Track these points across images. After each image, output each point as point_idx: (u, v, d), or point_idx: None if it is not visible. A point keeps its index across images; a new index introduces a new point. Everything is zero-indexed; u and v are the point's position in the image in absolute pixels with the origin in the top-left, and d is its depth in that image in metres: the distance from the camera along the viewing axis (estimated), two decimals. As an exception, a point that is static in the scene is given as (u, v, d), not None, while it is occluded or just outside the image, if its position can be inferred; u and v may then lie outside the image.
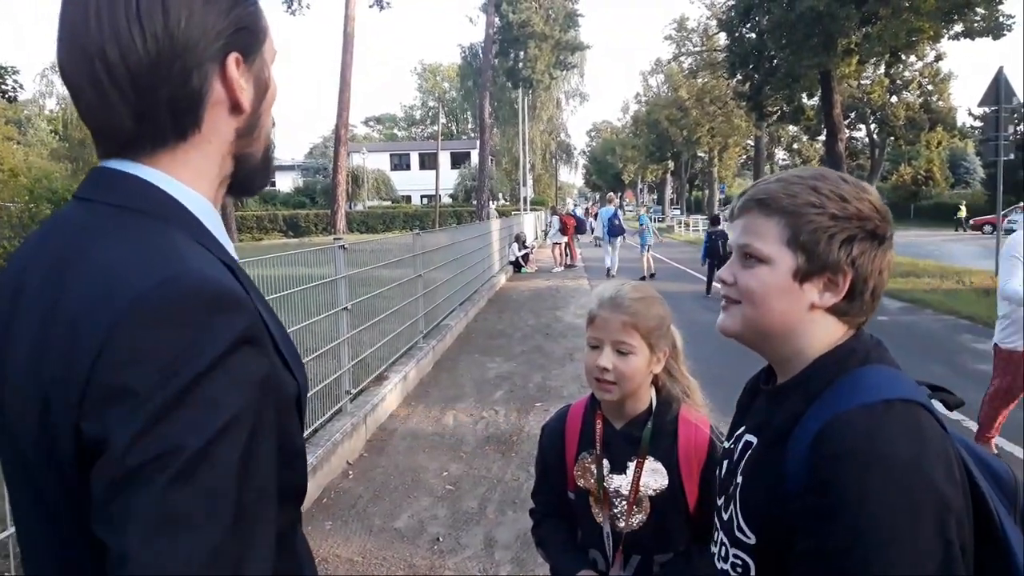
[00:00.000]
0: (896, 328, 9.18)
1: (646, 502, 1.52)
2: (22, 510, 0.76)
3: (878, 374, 0.91)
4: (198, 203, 0.78)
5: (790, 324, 0.96)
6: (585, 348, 1.56)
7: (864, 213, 0.93)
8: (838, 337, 0.96)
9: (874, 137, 36.18)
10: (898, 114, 31.31)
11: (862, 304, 0.95)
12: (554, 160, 65.16)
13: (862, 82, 29.14)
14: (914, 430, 0.83)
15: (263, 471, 0.67)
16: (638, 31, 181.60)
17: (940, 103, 32.38)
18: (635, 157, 63.13)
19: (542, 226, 31.85)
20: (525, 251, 18.77)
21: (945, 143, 37.87)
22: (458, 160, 52.01)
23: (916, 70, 31.66)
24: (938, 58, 31.15)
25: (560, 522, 1.66)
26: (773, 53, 21.67)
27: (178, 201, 0.76)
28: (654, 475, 1.51)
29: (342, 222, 27.44)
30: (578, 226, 20.72)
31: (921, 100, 31.87)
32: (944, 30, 19.28)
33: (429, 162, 49.35)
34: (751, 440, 1.00)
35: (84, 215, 0.75)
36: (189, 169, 0.78)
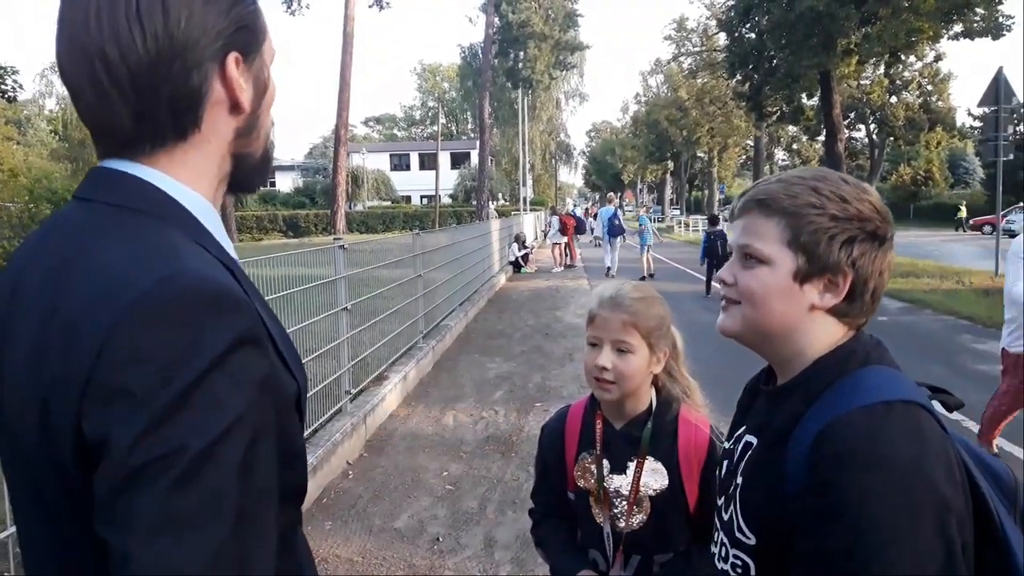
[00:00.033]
0: (896, 328, 9.18)
1: (646, 502, 1.52)
2: (22, 510, 0.76)
3: (878, 375, 0.91)
4: (197, 203, 0.78)
5: (790, 325, 0.95)
6: (585, 348, 1.56)
7: (865, 214, 0.93)
8: (838, 338, 0.96)
9: (873, 137, 36.22)
10: (898, 114, 31.34)
11: (862, 305, 0.95)
12: (554, 160, 65.17)
13: (862, 82, 29.14)
14: (914, 431, 0.83)
15: (264, 471, 0.67)
16: (638, 31, 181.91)
17: (940, 103, 32.43)
18: (635, 157, 63.16)
19: (542, 226, 31.83)
20: (525, 251, 18.77)
21: (945, 143, 37.96)
22: (458, 160, 52.01)
23: (916, 70, 31.70)
24: (938, 58, 31.20)
25: (560, 522, 1.66)
26: (773, 53, 21.68)
27: (177, 201, 0.76)
28: (654, 475, 1.51)
29: (342, 222, 27.45)
30: (578, 226, 20.72)
31: (921, 100, 31.91)
32: (944, 30, 19.30)
33: (429, 162, 49.36)
34: (751, 441, 1.00)
35: (84, 215, 0.75)
36: (188, 169, 0.78)
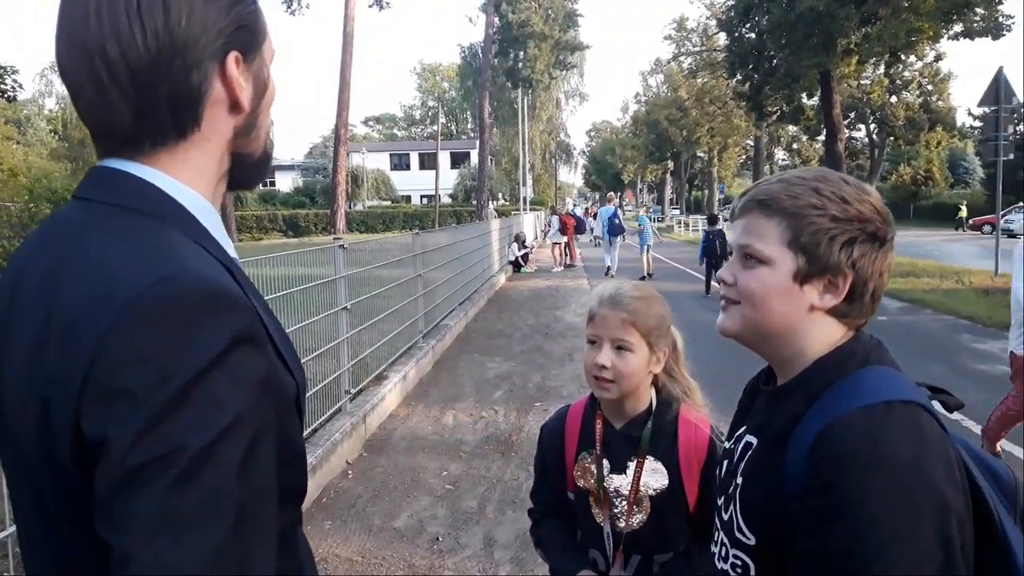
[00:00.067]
0: (895, 328, 9.18)
1: (646, 502, 1.52)
2: (22, 510, 0.76)
3: (878, 375, 0.90)
4: (197, 202, 0.78)
5: (790, 325, 0.95)
6: (585, 347, 1.56)
7: (865, 215, 0.93)
8: (838, 338, 0.95)
9: (874, 137, 36.23)
10: (898, 114, 31.35)
11: (862, 306, 0.95)
12: (554, 160, 65.17)
13: (862, 82, 29.16)
14: (914, 431, 0.83)
15: (264, 471, 0.67)
16: (638, 31, 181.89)
17: (940, 103, 32.44)
18: (635, 157, 63.16)
19: (541, 226, 31.83)
20: (525, 251, 18.76)
21: (944, 143, 37.95)
22: (458, 160, 51.99)
23: (916, 70, 31.72)
24: (938, 58, 31.21)
25: (559, 522, 1.66)
26: (773, 53, 21.68)
27: (176, 201, 0.76)
28: (654, 475, 1.51)
29: (342, 222, 27.42)
30: (577, 226, 20.72)
31: (921, 100, 31.93)
32: (944, 30, 19.30)
33: (429, 162, 49.34)
34: (751, 441, 1.00)
35: (83, 214, 0.75)
36: (188, 168, 0.78)
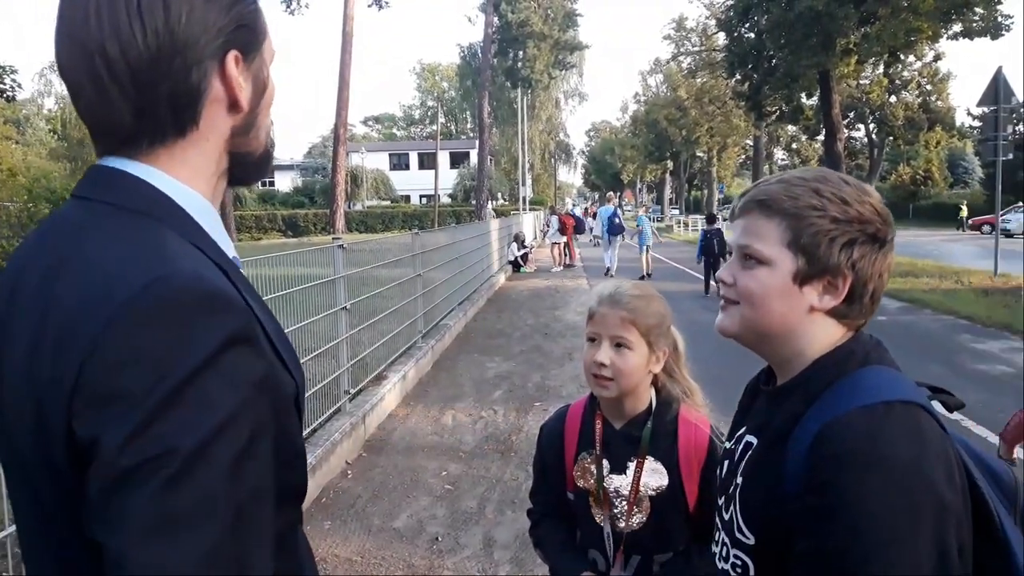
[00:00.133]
0: (895, 328, 9.18)
1: (646, 502, 1.52)
2: (21, 510, 0.76)
3: (878, 375, 0.90)
4: (195, 201, 0.78)
5: (789, 326, 0.95)
6: (584, 346, 1.56)
7: (865, 216, 0.93)
8: (837, 338, 0.95)
9: (873, 137, 36.24)
10: (897, 114, 31.37)
11: (861, 307, 0.95)
12: (553, 160, 65.16)
13: (861, 82, 29.14)
14: (914, 431, 0.83)
15: (260, 471, 0.67)
16: (637, 31, 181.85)
17: (939, 103, 32.48)
18: (634, 157, 63.20)
19: (541, 226, 31.83)
20: (524, 251, 18.76)
21: (944, 143, 38.04)
22: (457, 160, 51.98)
23: (915, 70, 31.76)
24: (937, 58, 31.26)
25: (558, 522, 1.66)
26: (772, 53, 21.69)
27: (174, 201, 0.76)
28: (654, 475, 1.51)
29: (341, 222, 27.39)
30: (577, 226, 20.72)
31: (920, 100, 31.96)
32: (943, 30, 19.32)
33: (428, 162, 49.31)
34: (751, 441, 0.99)
35: (82, 214, 0.75)
36: (187, 167, 0.78)
